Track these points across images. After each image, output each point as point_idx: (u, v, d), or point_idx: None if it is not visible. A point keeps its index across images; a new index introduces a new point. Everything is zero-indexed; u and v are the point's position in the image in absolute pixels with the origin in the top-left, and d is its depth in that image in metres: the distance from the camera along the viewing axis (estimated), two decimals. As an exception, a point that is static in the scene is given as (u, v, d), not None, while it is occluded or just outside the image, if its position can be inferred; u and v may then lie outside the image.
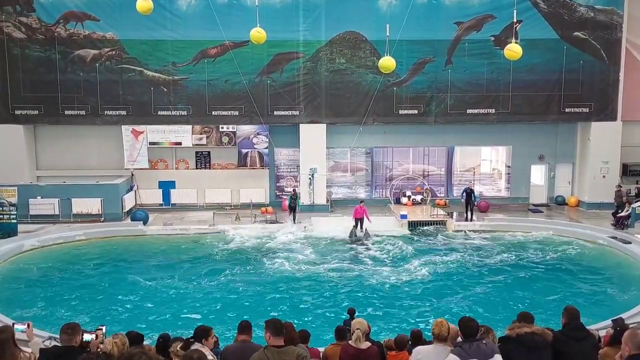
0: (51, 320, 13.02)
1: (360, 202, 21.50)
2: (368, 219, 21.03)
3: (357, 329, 6.38)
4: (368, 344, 6.46)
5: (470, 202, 22.25)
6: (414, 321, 13.19)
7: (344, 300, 14.82)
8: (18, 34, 22.92)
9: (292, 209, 22.18)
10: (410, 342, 7.41)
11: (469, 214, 22.29)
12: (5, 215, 19.80)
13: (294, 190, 23.47)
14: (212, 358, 5.85)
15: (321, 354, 7.68)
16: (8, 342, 4.98)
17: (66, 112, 23.46)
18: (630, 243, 18.95)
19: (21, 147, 23.82)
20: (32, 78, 23.18)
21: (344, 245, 20.11)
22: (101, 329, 5.90)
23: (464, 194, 22.46)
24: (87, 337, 5.56)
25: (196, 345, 6.02)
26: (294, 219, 22.07)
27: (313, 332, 8.86)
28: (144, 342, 7.17)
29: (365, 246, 19.90)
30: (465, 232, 21.34)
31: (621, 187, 22.91)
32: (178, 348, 6.35)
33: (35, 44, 23.07)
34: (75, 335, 5.21)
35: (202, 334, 6.53)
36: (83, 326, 5.44)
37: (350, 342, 6.43)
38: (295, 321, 10.26)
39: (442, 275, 16.94)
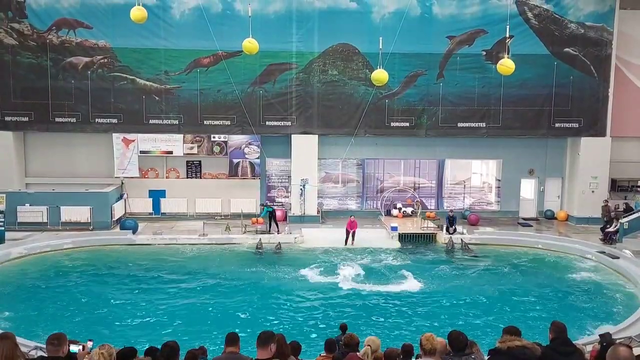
0: (37, 330, 12.84)
1: (351, 216, 21.65)
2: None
3: (369, 345, 6.30)
4: None
5: (451, 227, 22.28)
6: (396, 333, 13.17)
7: (333, 313, 14.79)
8: (10, 40, 22.83)
9: (269, 219, 22.49)
10: (400, 357, 7.38)
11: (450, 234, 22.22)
12: (-8, 223, 19.61)
13: (267, 203, 23.83)
14: None
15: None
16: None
17: (57, 120, 23.35)
18: (618, 258, 19.09)
19: (10, 154, 23.65)
20: (23, 85, 23.08)
21: (334, 256, 20.07)
22: (88, 343, 5.83)
23: (447, 219, 22.44)
24: (73, 348, 5.49)
25: None
26: (269, 228, 22.32)
27: (303, 345, 8.82)
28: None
29: (357, 258, 19.88)
30: (453, 245, 21.36)
31: (608, 201, 23.11)
32: None
33: (27, 50, 22.98)
34: (62, 346, 5.13)
35: (172, 352, 6.49)
36: (69, 337, 5.36)
37: (358, 354, 6.37)
38: (287, 333, 10.19)
39: (431, 288, 16.96)
